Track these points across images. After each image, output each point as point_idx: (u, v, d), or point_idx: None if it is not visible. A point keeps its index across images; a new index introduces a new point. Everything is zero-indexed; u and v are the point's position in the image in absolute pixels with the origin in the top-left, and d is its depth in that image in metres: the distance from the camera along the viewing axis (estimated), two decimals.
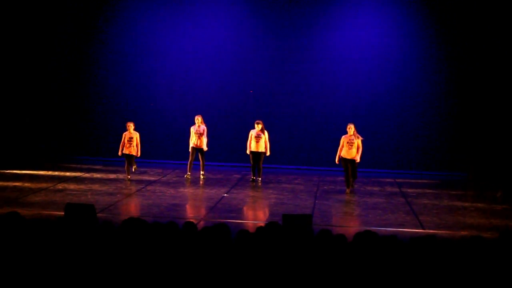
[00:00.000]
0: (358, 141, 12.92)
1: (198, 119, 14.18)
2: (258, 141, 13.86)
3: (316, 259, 5.26)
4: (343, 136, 13.04)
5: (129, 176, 13.84)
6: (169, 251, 5.33)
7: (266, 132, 13.93)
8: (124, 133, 13.82)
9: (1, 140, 15.85)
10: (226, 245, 5.47)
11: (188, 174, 14.18)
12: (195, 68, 16.85)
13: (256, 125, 13.93)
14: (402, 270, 5.11)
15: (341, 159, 13.00)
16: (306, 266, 5.17)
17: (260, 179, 13.95)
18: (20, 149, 16.15)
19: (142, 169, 15.37)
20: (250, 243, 5.54)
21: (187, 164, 14.26)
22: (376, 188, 13.87)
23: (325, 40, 16.41)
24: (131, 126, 13.78)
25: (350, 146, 12.90)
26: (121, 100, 17.07)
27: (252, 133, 13.94)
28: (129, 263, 5.19)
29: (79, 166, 15.48)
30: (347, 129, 12.98)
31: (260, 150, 13.88)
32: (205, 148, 14.16)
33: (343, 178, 13.49)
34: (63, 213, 6.65)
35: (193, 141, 14.15)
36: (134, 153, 13.76)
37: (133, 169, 13.92)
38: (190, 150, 14.23)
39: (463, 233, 9.71)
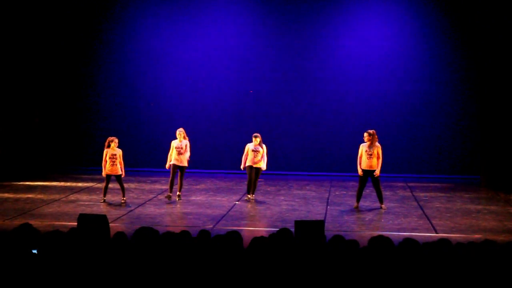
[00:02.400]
0: (377, 150, 11.82)
1: (181, 133, 12.59)
2: (256, 155, 12.65)
3: (329, 265, 5.24)
4: (361, 145, 11.97)
5: (104, 198, 12.41)
6: (182, 260, 5.32)
7: (264, 146, 12.80)
8: (106, 150, 12.27)
9: (13, 153, 15.91)
10: (238, 252, 5.47)
11: (169, 195, 12.51)
12: (201, 73, 16.76)
13: (254, 139, 12.76)
14: (416, 275, 5.07)
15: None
16: (319, 273, 5.15)
17: (254, 196, 12.80)
18: (31, 160, 16.19)
19: (154, 178, 15.41)
20: (263, 250, 5.53)
21: (168, 183, 12.67)
22: (388, 193, 13.80)
23: (336, 43, 16.36)
24: (115, 141, 12.28)
25: (368, 156, 11.81)
26: (130, 110, 17.06)
27: (249, 147, 12.78)
28: (142, 273, 5.19)
29: (90, 176, 15.53)
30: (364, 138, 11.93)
31: (258, 166, 12.70)
32: (185, 164, 12.54)
33: (355, 184, 12.89)
34: (76, 224, 6.66)
35: (174, 157, 12.54)
36: (119, 172, 12.24)
37: (122, 201, 12.30)
38: (168, 167, 12.60)
39: (477, 236, 9.64)
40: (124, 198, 12.39)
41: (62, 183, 14.79)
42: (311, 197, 13.27)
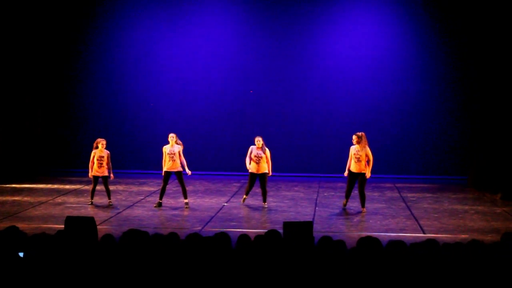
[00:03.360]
0: (366, 152, 11.68)
1: (173, 138, 12.08)
2: (259, 161, 12.08)
3: (318, 266, 5.25)
4: (351, 147, 11.84)
5: (92, 200, 12.34)
6: (170, 263, 5.31)
7: (267, 150, 12.23)
8: (94, 151, 12.19)
9: (0, 155, 15.79)
10: (227, 254, 5.46)
11: (159, 202, 12.19)
12: (192, 75, 16.74)
13: (256, 142, 12.18)
14: (404, 275, 5.09)
15: (349, 172, 11.83)
16: (307, 273, 5.16)
17: (266, 203, 12.32)
18: (17, 163, 16.08)
19: (142, 180, 15.36)
20: (251, 251, 5.53)
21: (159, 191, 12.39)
22: (376, 194, 13.85)
23: (324, 45, 16.40)
24: (103, 143, 12.17)
25: (356, 160, 11.69)
26: (120, 110, 16.99)
27: (252, 150, 12.21)
28: (130, 275, 5.17)
29: (78, 179, 15.45)
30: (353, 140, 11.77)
31: (262, 172, 12.16)
32: (180, 169, 12.08)
33: (344, 185, 12.77)
34: (63, 226, 6.63)
35: (166, 164, 12.17)
36: (106, 174, 12.17)
37: (109, 203, 12.24)
38: (163, 174, 12.20)
39: (464, 236, 9.70)
40: (110, 200, 12.32)
41: (49, 186, 14.70)
42: (299, 198, 13.29)
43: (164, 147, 12.26)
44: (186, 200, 12.24)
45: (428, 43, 16.09)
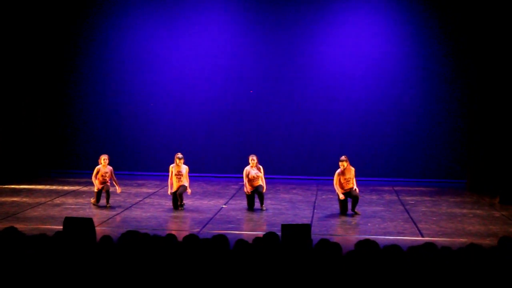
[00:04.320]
0: (353, 172, 11.78)
1: (181, 160, 12.17)
2: (256, 180, 12.11)
3: (316, 269, 5.25)
4: (336, 173, 11.74)
5: (98, 202, 12.40)
6: (168, 264, 5.31)
7: (261, 168, 12.25)
8: (97, 167, 12.36)
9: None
10: (225, 256, 5.47)
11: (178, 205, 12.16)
12: (190, 78, 16.76)
13: (250, 161, 12.11)
14: (402, 279, 5.10)
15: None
16: (305, 276, 5.16)
17: (264, 206, 12.27)
18: (16, 164, 16.08)
19: (140, 182, 15.36)
20: (248, 253, 5.53)
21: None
22: (374, 197, 13.86)
23: (323, 47, 16.39)
24: (105, 159, 12.32)
25: (347, 182, 11.72)
26: (119, 112, 17.00)
27: (249, 172, 12.09)
28: (128, 277, 5.17)
29: (77, 180, 15.45)
30: (340, 164, 11.66)
31: (256, 185, 12.13)
32: (189, 191, 12.22)
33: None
34: (61, 227, 6.63)
35: (175, 184, 12.14)
36: (108, 183, 12.28)
37: (107, 206, 12.25)
38: (170, 193, 12.28)
39: (462, 240, 9.69)
40: (109, 204, 12.31)
41: (48, 187, 14.70)
42: (297, 201, 13.29)
43: (171, 166, 12.27)
44: (183, 203, 12.30)
45: (427, 46, 16.10)
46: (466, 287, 5.04)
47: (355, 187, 11.86)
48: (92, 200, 12.56)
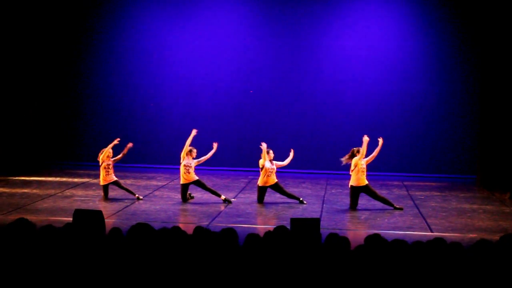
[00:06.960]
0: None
1: (194, 152, 12.46)
2: (271, 175, 12.17)
3: (325, 263, 5.25)
4: (357, 160, 11.71)
5: (107, 197, 12.45)
6: (177, 257, 5.33)
7: (275, 163, 12.28)
8: (102, 159, 12.48)
9: (9, 148, 15.85)
10: (234, 249, 5.47)
11: (189, 196, 12.40)
12: (200, 70, 16.80)
13: (268, 155, 12.14)
14: (411, 274, 5.09)
15: (357, 188, 11.72)
16: (314, 270, 5.16)
17: (301, 198, 12.35)
18: (26, 155, 16.16)
19: (150, 175, 15.41)
20: (258, 247, 5.53)
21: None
22: (384, 191, 13.81)
23: (332, 42, 16.38)
24: (109, 151, 12.52)
25: (362, 172, 11.72)
26: (127, 105, 17.05)
27: (266, 165, 12.10)
28: (138, 269, 5.19)
29: (86, 172, 15.51)
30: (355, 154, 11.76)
31: (271, 183, 12.21)
32: (195, 178, 12.34)
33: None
34: (71, 219, 6.65)
35: (182, 176, 12.28)
36: (114, 179, 12.42)
37: (140, 198, 12.36)
38: (181, 187, 12.36)
39: (472, 235, 9.67)
40: (137, 195, 12.35)
41: (58, 178, 14.77)
42: (307, 195, 13.27)
43: (187, 159, 12.37)
44: (224, 197, 12.32)
45: (438, 42, 16.02)
46: (475, 282, 5.02)
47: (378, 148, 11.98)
48: (101, 197, 12.49)
